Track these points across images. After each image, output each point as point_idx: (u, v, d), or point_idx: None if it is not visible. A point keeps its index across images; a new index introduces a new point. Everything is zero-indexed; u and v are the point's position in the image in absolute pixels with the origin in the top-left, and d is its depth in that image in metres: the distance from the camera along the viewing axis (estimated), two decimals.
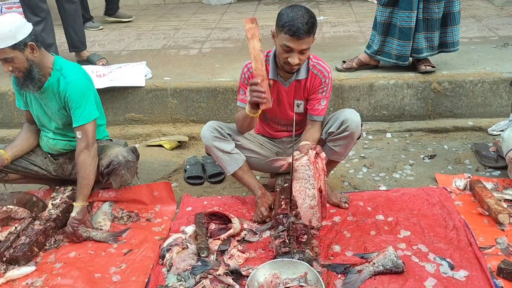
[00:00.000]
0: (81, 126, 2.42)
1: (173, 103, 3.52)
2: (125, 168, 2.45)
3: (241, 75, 2.43)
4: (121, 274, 2.15)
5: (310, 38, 2.15)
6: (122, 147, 2.56)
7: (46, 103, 2.48)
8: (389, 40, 3.29)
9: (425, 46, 3.25)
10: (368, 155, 3.14)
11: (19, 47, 2.25)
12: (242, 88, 2.42)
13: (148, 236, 2.40)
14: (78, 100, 2.41)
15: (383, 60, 3.41)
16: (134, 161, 2.52)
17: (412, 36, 3.18)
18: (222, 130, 2.45)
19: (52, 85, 2.42)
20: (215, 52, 4.18)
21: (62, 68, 2.43)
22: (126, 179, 2.49)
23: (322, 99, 2.37)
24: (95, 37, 4.82)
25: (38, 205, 2.48)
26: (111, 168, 2.44)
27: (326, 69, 2.35)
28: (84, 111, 2.42)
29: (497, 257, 2.07)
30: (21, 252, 2.22)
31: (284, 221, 2.28)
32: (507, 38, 4.01)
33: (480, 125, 3.31)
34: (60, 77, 2.41)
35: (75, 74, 2.44)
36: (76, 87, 2.40)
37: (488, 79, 3.31)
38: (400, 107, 3.42)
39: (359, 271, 2.02)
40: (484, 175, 2.78)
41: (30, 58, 2.31)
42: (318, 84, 2.36)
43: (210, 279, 2.01)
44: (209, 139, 2.42)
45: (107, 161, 2.46)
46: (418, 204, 2.51)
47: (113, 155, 2.47)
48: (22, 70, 2.32)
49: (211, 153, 2.48)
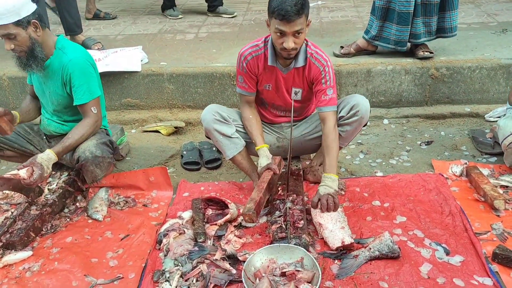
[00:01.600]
0: (84, 104, 2.42)
1: (170, 88, 3.50)
2: (93, 164, 2.39)
3: (238, 63, 2.41)
4: (118, 259, 2.16)
5: (302, 19, 2.11)
6: (94, 140, 2.45)
7: (46, 82, 2.47)
8: (388, 25, 3.26)
9: (423, 31, 3.23)
10: (365, 141, 3.14)
11: (22, 24, 2.23)
12: (241, 75, 2.40)
13: (144, 222, 2.40)
14: (80, 78, 2.39)
15: (381, 46, 3.38)
16: (105, 156, 2.42)
17: (410, 21, 3.15)
18: (223, 113, 2.43)
19: (53, 63, 2.40)
20: (212, 37, 4.14)
21: (64, 47, 2.42)
22: (96, 175, 2.43)
23: (327, 89, 2.33)
24: (90, 22, 4.76)
25: (34, 190, 2.47)
26: (79, 163, 2.41)
27: (324, 58, 2.32)
28: (87, 89, 2.42)
29: (492, 242, 2.08)
30: (18, 237, 2.22)
31: (281, 206, 2.29)
32: (506, 24, 3.99)
33: (478, 112, 3.31)
34: (62, 55, 2.39)
35: (77, 53, 2.43)
36: (78, 65, 2.39)
37: (486, 65, 3.29)
38: (397, 93, 3.41)
39: (355, 256, 2.03)
40: (480, 161, 2.79)
41: (33, 37, 2.29)
42: (317, 73, 2.32)
43: (207, 264, 2.01)
44: (210, 122, 2.40)
45: (76, 156, 2.42)
46: (414, 190, 2.52)
47: (81, 150, 2.41)
48: (24, 49, 2.29)
49: (211, 137, 2.47)
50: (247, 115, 2.46)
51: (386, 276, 1.93)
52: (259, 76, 2.40)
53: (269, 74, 2.37)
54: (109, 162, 2.47)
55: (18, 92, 3.57)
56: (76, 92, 2.42)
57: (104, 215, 2.47)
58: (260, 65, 2.36)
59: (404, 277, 1.92)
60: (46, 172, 2.28)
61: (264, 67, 2.36)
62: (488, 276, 1.91)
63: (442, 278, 1.91)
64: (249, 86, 2.42)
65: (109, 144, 2.53)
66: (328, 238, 2.12)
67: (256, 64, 2.35)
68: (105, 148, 2.47)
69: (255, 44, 2.36)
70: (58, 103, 2.51)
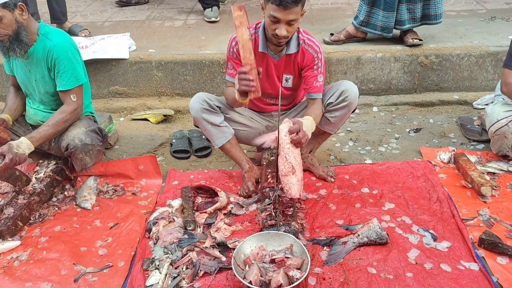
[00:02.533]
0: (68, 91, 2.39)
1: (158, 76, 3.46)
2: (82, 152, 2.38)
3: (228, 49, 2.38)
4: (107, 248, 2.15)
5: (298, 9, 2.10)
6: (83, 128, 2.42)
7: (31, 69, 2.43)
8: (375, 11, 3.28)
9: (407, 18, 3.26)
10: (355, 129, 3.15)
11: (9, 7, 2.20)
12: (231, 62, 2.38)
13: (134, 210, 2.39)
14: (65, 64, 2.37)
15: (369, 32, 3.39)
16: (94, 144, 2.41)
17: (396, 7, 3.18)
18: (211, 102, 2.41)
19: (37, 50, 2.37)
20: (201, 23, 4.10)
21: (48, 33, 2.39)
22: (86, 163, 2.42)
23: (318, 76, 2.33)
24: (77, 8, 4.68)
25: (21, 179, 2.44)
26: (69, 151, 2.39)
27: (316, 44, 2.31)
28: (72, 75, 2.39)
29: (479, 228, 2.11)
30: (5, 227, 2.20)
31: (271, 194, 2.29)
32: (494, 11, 4.00)
33: (466, 99, 3.33)
34: (46, 41, 2.36)
35: (61, 38, 2.40)
36: (62, 50, 2.36)
37: (474, 53, 3.31)
38: (387, 81, 3.42)
39: (344, 243, 2.04)
40: (468, 148, 2.81)
41: (19, 20, 2.26)
42: (310, 59, 2.32)
43: (197, 252, 2.02)
44: (198, 111, 2.39)
45: (65, 144, 2.39)
46: (402, 177, 2.54)
47: (70, 138, 2.38)
48: (8, 32, 2.25)
49: (200, 125, 2.46)
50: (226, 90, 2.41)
51: (375, 262, 1.96)
52: None
53: (260, 60, 2.35)
54: (98, 150, 2.45)
55: (3, 80, 3.51)
56: (61, 78, 2.39)
57: (93, 204, 2.46)
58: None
59: (392, 262, 1.95)
60: (16, 154, 2.20)
61: (255, 53, 2.34)
62: (474, 261, 1.94)
63: (430, 264, 1.93)
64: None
65: (98, 132, 2.51)
66: (294, 186, 2.06)
67: None
68: (94, 136, 2.44)
69: None
70: (45, 91, 2.48)
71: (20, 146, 2.24)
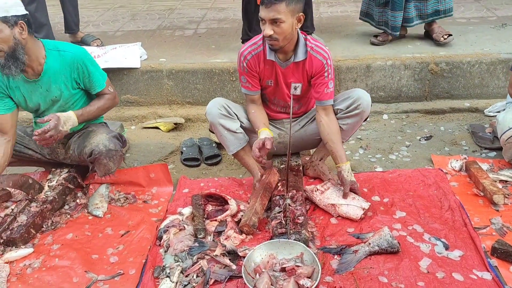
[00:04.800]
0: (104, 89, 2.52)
1: (169, 84, 3.50)
2: (106, 157, 2.42)
3: (238, 63, 2.40)
4: (119, 255, 2.16)
5: (281, 7, 2.09)
6: (105, 134, 2.47)
7: (48, 88, 2.44)
8: (386, 10, 3.40)
9: (414, 15, 3.33)
10: (365, 136, 3.14)
11: (9, 22, 2.20)
12: (243, 75, 2.40)
13: (145, 218, 2.41)
14: (90, 67, 2.45)
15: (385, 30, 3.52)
16: (117, 150, 2.46)
17: (403, 6, 3.26)
18: (229, 108, 2.42)
19: (52, 65, 2.39)
20: (211, 32, 4.13)
21: (57, 46, 2.42)
22: (109, 168, 2.46)
23: (329, 82, 2.33)
24: (89, 18, 4.75)
25: (34, 187, 2.48)
26: (93, 157, 2.42)
27: (324, 50, 2.31)
28: (99, 74, 2.50)
29: (492, 237, 2.09)
30: (18, 234, 2.22)
31: (281, 202, 2.29)
32: (505, 18, 3.98)
33: (477, 106, 3.31)
34: (60, 53, 2.40)
35: (72, 46, 2.47)
36: (82, 55, 2.44)
37: (485, 60, 3.29)
38: (397, 88, 3.41)
39: (355, 252, 2.03)
40: (480, 156, 2.79)
41: (17, 37, 2.24)
42: (319, 66, 2.31)
43: (207, 260, 2.02)
44: (215, 117, 2.39)
45: (89, 150, 2.43)
46: (413, 185, 2.52)
47: (94, 144, 2.42)
48: (4, 48, 2.22)
49: (216, 131, 2.45)
50: (250, 109, 2.47)
51: (386, 271, 1.94)
52: (261, 73, 2.39)
53: (269, 69, 2.36)
54: (120, 155, 2.51)
55: None
56: (91, 81, 2.47)
57: (105, 212, 2.48)
58: (261, 61, 2.35)
59: (403, 271, 1.93)
60: (62, 126, 2.35)
61: (264, 63, 2.35)
62: (487, 270, 1.92)
63: (442, 273, 1.91)
64: (252, 85, 2.41)
65: (119, 137, 2.57)
66: (349, 212, 2.26)
67: (256, 61, 2.35)
68: (116, 142, 2.50)
69: (253, 42, 2.36)
70: (66, 102, 2.50)
71: (66, 123, 2.38)
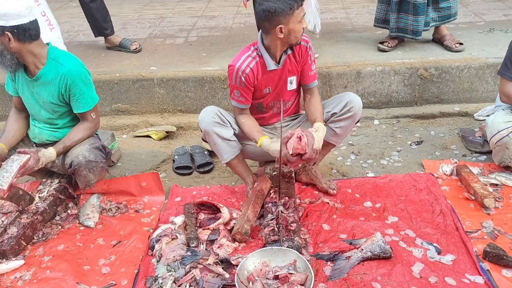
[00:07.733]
0: (88, 112, 2.48)
1: (160, 93, 3.49)
2: (86, 169, 2.40)
3: (233, 78, 2.33)
4: (111, 266, 2.15)
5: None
6: (87, 145, 2.46)
7: (38, 92, 2.45)
8: (402, 16, 3.42)
9: (431, 18, 3.41)
10: (356, 142, 3.15)
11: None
12: (237, 90, 2.35)
13: (137, 227, 2.40)
14: (81, 87, 2.42)
15: (400, 36, 3.54)
16: (98, 161, 2.43)
17: (425, 10, 3.32)
18: (222, 116, 2.40)
19: (47, 73, 2.39)
20: (202, 40, 4.14)
21: (58, 57, 2.42)
22: (89, 180, 2.43)
23: (312, 65, 2.42)
24: (80, 27, 4.74)
25: (24, 198, 2.46)
26: (72, 168, 2.41)
27: (304, 35, 2.35)
28: (89, 97, 2.46)
29: (483, 240, 2.10)
30: (9, 246, 2.20)
31: (273, 209, 2.29)
32: (493, 23, 4.03)
33: (467, 111, 3.34)
34: (57, 65, 2.39)
35: (73, 62, 2.44)
36: (77, 74, 2.41)
37: (474, 65, 3.32)
38: (387, 94, 3.43)
39: (348, 258, 2.03)
40: (470, 160, 2.81)
41: (6, 45, 2.27)
42: (305, 51, 2.39)
43: (200, 269, 2.01)
44: (210, 124, 2.36)
45: (69, 161, 2.42)
46: (405, 190, 2.54)
47: (74, 155, 2.41)
48: None
49: (209, 139, 2.42)
50: (240, 119, 2.43)
51: (379, 276, 1.94)
52: (258, 84, 2.36)
53: (269, 77, 2.36)
54: (102, 167, 2.47)
55: (6, 100, 3.54)
56: (77, 101, 2.44)
57: (96, 222, 2.46)
58: (259, 73, 2.33)
59: (396, 277, 1.93)
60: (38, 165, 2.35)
61: (263, 74, 2.35)
62: (479, 274, 1.92)
63: (434, 277, 1.92)
64: (246, 99, 2.38)
65: (102, 149, 2.53)
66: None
67: (254, 75, 2.32)
68: (98, 153, 2.46)
69: (247, 55, 2.32)
70: (54, 112, 2.50)
71: (45, 155, 2.38)
